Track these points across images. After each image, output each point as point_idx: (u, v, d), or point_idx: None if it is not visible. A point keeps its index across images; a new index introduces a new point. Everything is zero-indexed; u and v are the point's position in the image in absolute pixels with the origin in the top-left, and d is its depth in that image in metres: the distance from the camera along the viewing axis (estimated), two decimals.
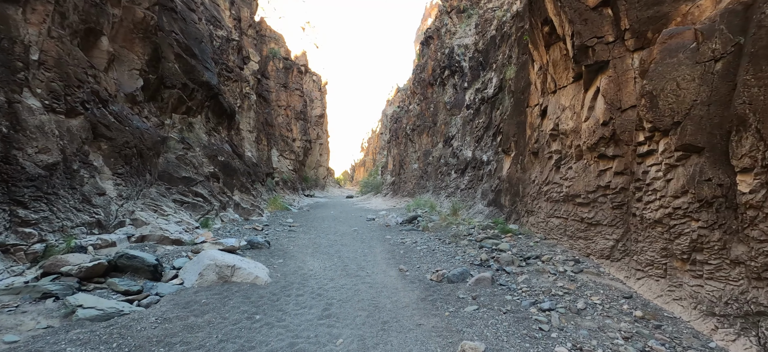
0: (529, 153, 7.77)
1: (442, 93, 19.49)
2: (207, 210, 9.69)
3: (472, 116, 15.11)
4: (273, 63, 26.53)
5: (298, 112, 28.18)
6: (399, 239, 8.73)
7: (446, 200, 14.94)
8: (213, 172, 11.21)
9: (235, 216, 11.27)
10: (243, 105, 19.18)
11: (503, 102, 11.81)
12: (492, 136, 12.51)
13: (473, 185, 12.83)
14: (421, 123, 20.95)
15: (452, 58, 18.83)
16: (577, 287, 4.19)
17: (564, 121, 5.82)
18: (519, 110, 9.04)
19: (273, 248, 7.65)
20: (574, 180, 5.42)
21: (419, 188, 19.99)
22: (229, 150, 13.74)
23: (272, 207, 16.51)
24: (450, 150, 16.69)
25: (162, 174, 9.17)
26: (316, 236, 9.47)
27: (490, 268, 5.40)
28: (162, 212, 7.70)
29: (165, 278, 5.10)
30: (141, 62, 9.06)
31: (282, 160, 25.22)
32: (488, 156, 12.23)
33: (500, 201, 9.79)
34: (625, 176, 4.42)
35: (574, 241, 5.57)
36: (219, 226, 9.70)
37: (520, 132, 8.79)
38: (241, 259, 5.66)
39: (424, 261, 6.37)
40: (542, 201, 6.83)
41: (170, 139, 10.16)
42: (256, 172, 17.67)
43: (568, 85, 5.84)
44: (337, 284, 5.16)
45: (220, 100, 13.20)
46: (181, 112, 11.13)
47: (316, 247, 8.03)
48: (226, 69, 17.30)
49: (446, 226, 9.71)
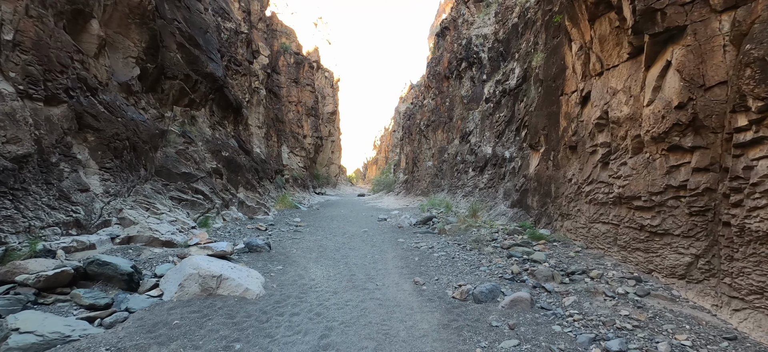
0: (565, 148, 6.76)
1: (459, 86, 18.43)
2: (207, 208, 9.05)
3: (491, 110, 14.05)
4: (284, 58, 25.99)
5: (309, 109, 27.58)
6: (413, 243, 7.86)
7: (463, 199, 13.95)
8: (216, 168, 10.60)
9: (239, 215, 10.64)
10: (252, 100, 18.65)
11: (528, 93, 10.74)
12: (515, 131, 11.45)
13: (494, 183, 11.81)
14: (436, 118, 19.94)
15: (470, 50, 17.74)
16: (649, 317, 3.22)
17: (615, 108, 4.82)
18: (550, 100, 8.00)
19: (273, 252, 6.90)
20: (630, 179, 4.42)
21: (433, 187, 19.02)
22: (235, 145, 13.15)
23: (280, 205, 15.90)
24: (467, 146, 15.66)
25: (159, 169, 8.58)
26: (322, 238, 8.70)
27: (525, 284, 4.46)
28: (155, 210, 7.07)
29: (143, 288, 4.40)
30: (137, 50, 8.47)
31: (292, 157, 24.66)
32: (511, 152, 11.18)
33: (526, 202, 8.77)
34: (710, 174, 3.42)
35: (629, 253, 4.58)
36: (220, 225, 9.06)
37: (552, 124, 7.76)
38: (233, 267, 4.92)
39: (443, 272, 5.48)
40: (583, 203, 5.82)
41: (170, 133, 9.58)
42: (264, 169, 17.10)
43: (621, 63, 4.82)
44: (340, 300, 4.34)
45: (226, 92, 12.61)
46: (183, 105, 10.56)
47: (321, 250, 7.26)
48: (234, 62, 16.77)
49: (465, 229, 8.77)
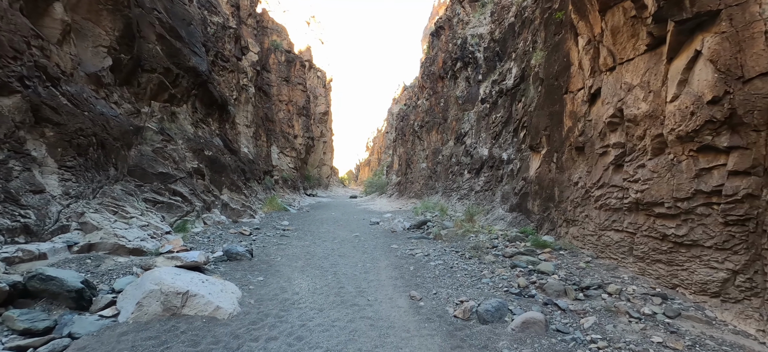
0: (570, 149, 6.33)
1: (454, 87, 18.04)
2: (186, 211, 8.40)
3: (488, 111, 13.65)
4: (275, 56, 25.31)
5: (300, 108, 26.91)
6: (407, 250, 7.35)
7: (458, 202, 13.51)
8: (197, 168, 9.94)
9: (222, 218, 9.98)
10: (240, 98, 17.95)
11: (527, 93, 10.36)
12: (513, 132, 11.06)
13: (491, 186, 11.39)
14: (431, 119, 19.51)
15: (465, 49, 17.37)
16: (686, 345, 2.77)
17: (631, 105, 4.39)
18: (552, 99, 7.60)
19: (255, 260, 6.31)
20: (650, 183, 3.99)
21: (427, 189, 18.57)
22: (220, 144, 12.48)
23: (268, 207, 15.23)
24: (462, 148, 15.24)
25: (133, 169, 7.90)
26: (310, 244, 8.13)
27: (535, 300, 3.98)
28: (124, 213, 6.41)
29: (95, 306, 3.78)
30: (110, 38, 7.80)
31: (282, 157, 23.96)
32: (509, 154, 10.78)
33: (526, 206, 8.35)
34: (752, 178, 2.99)
35: (648, 265, 4.15)
36: (199, 230, 8.41)
37: (554, 124, 7.35)
38: (205, 280, 4.33)
39: (441, 284, 4.97)
40: (591, 209, 5.39)
41: (147, 130, 8.90)
42: (252, 170, 16.42)
43: (637, 57, 4.40)
44: (326, 319, 3.80)
45: (210, 88, 11.94)
46: (162, 100, 9.87)
47: (308, 258, 6.69)
48: (221, 58, 16.07)
49: (463, 234, 8.29)
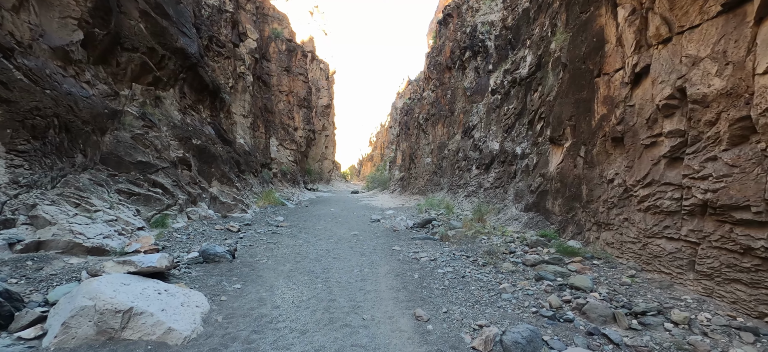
0: (603, 140, 5.43)
1: (462, 77, 17.08)
2: (167, 205, 7.60)
3: (499, 102, 12.72)
4: (275, 44, 24.41)
5: (301, 99, 26.05)
6: (411, 253, 6.51)
7: (466, 200, 12.63)
8: (183, 157, 9.13)
9: (210, 212, 9.19)
10: (236, 86, 17.11)
11: (545, 81, 9.42)
12: (527, 125, 10.13)
13: (502, 183, 10.49)
14: (437, 112, 18.58)
15: (475, 38, 16.39)
16: None
17: (697, 82, 3.49)
18: (578, 85, 6.68)
19: (237, 263, 5.50)
20: (728, 180, 3.11)
21: (432, 185, 17.69)
22: (211, 133, 11.67)
23: (264, 202, 14.45)
24: (470, 142, 14.33)
25: (107, 157, 7.11)
26: (303, 243, 7.32)
27: (575, 328, 3.12)
28: (88, 206, 5.61)
29: (17, 323, 2.99)
30: (80, 10, 6.96)
31: (282, 150, 23.15)
32: (523, 148, 9.87)
33: (545, 206, 7.46)
34: None
35: (719, 285, 3.28)
36: (181, 225, 7.61)
37: (581, 113, 6.44)
38: (162, 290, 3.51)
39: (452, 298, 4.13)
40: (633, 211, 4.50)
41: (126, 114, 8.09)
42: (247, 162, 15.62)
43: (706, 21, 3.50)
44: (309, 347, 2.97)
45: (201, 73, 11.11)
46: (145, 83, 9.05)
47: (298, 260, 5.87)
48: (216, 43, 15.23)
49: (473, 236, 7.43)
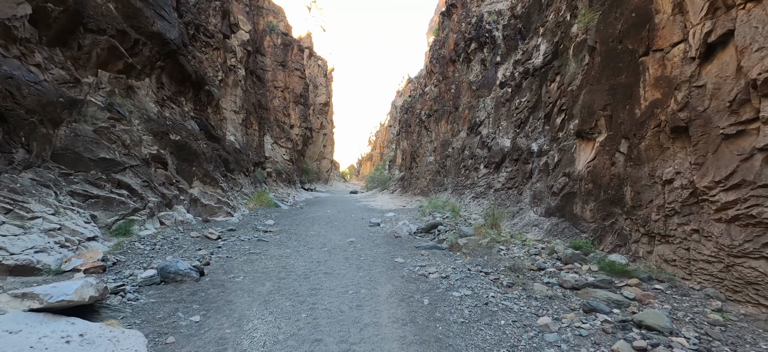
0: (657, 131, 4.41)
1: (467, 71, 16.05)
2: (133, 209, 6.56)
3: (509, 95, 11.70)
4: (270, 38, 23.35)
5: (297, 96, 25.00)
6: (417, 266, 5.48)
7: (473, 202, 11.60)
8: (157, 154, 8.08)
9: (188, 217, 8.14)
10: (227, 79, 16.06)
11: (564, 70, 8.40)
12: (544, 118, 9.11)
13: (516, 183, 9.46)
14: (440, 108, 17.55)
15: (481, 28, 15.36)
16: None
17: None
18: (614, 69, 5.66)
19: (204, 283, 4.47)
20: None
21: (435, 185, 16.66)
22: (194, 129, 10.62)
23: (255, 203, 13.42)
24: (477, 139, 13.30)
25: (61, 153, 6.07)
26: (292, 253, 6.29)
27: None
28: (22, 212, 4.57)
29: None
30: None
31: (276, 148, 22.10)
32: (540, 144, 8.84)
33: (572, 210, 6.43)
34: None
35: None
36: (149, 233, 6.56)
37: (620, 101, 5.42)
38: (77, 335, 2.48)
39: (478, 340, 3.11)
40: (708, 220, 3.49)
41: (89, 105, 7.05)
42: (238, 160, 14.58)
43: None
44: None
45: (182, 62, 10.06)
46: (115, 70, 8.00)
47: (282, 277, 4.84)
48: (204, 32, 14.17)
49: (488, 245, 6.40)
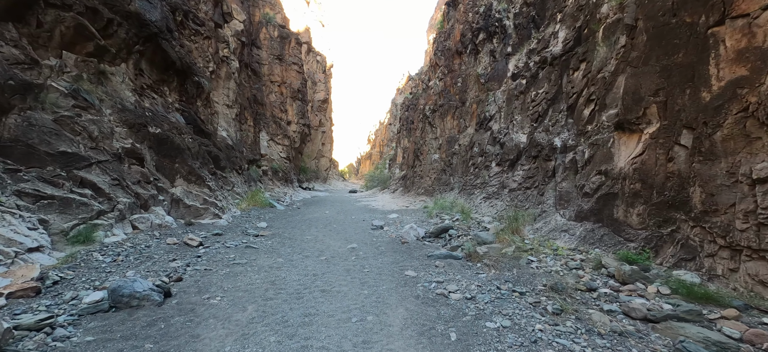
0: (742, 118, 3.50)
1: (475, 63, 15.11)
2: (97, 211, 5.60)
3: (523, 87, 10.77)
4: (266, 30, 22.34)
5: (295, 91, 24.01)
6: (432, 281, 4.55)
7: (485, 203, 10.67)
8: (132, 148, 7.11)
9: (167, 219, 7.18)
10: (219, 71, 15.07)
11: (592, 55, 7.47)
12: (566, 110, 8.19)
13: (536, 183, 8.53)
14: (445, 102, 16.60)
15: (490, 17, 14.42)
16: None
17: None
18: (668, 47, 4.74)
19: (168, 308, 3.52)
20: None
21: (440, 185, 15.73)
22: (179, 122, 9.64)
23: (248, 203, 12.47)
24: (488, 135, 12.37)
25: (9, 145, 5.11)
26: (284, 263, 5.35)
27: None
28: None
29: None
30: None
31: (273, 145, 21.11)
32: (564, 139, 7.92)
33: (612, 214, 5.50)
34: None
35: None
36: (118, 239, 5.61)
37: (679, 84, 4.50)
38: None
39: None
40: None
41: (49, 90, 6.08)
42: (230, 157, 13.61)
43: None
44: None
45: (165, 47, 9.08)
46: (83, 53, 7.03)
47: (269, 298, 3.90)
48: (193, 20, 13.18)
49: (514, 255, 5.47)
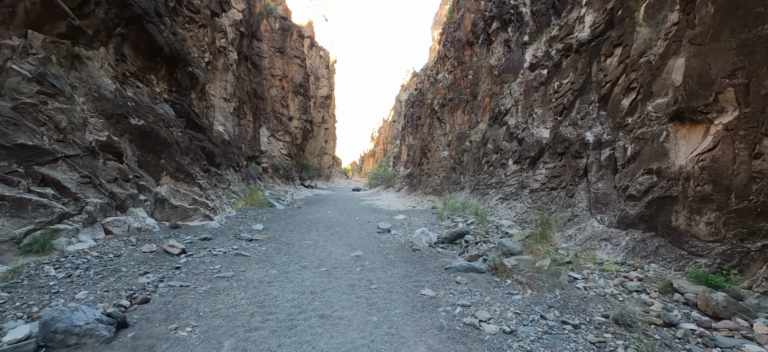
0: None
1: (487, 54, 14.17)
2: (59, 214, 4.78)
3: (544, 78, 9.83)
4: (267, 22, 21.50)
5: (297, 85, 23.16)
6: (458, 308, 3.69)
7: (501, 204, 9.77)
8: (108, 142, 6.30)
9: (150, 222, 6.37)
10: (215, 62, 14.25)
11: (630, 38, 6.53)
12: (598, 102, 7.26)
13: (563, 183, 7.62)
14: (455, 96, 15.67)
15: (504, 5, 13.45)
16: None
17: None
18: (748, 17, 3.86)
19: (121, 344, 2.68)
20: None
21: (449, 184, 14.83)
22: (168, 113, 8.82)
23: (245, 202, 11.66)
24: (503, 130, 11.45)
25: None
26: (278, 275, 4.50)
27: None
28: None
29: None
30: None
31: (273, 142, 20.30)
32: (597, 133, 7.00)
33: (668, 222, 4.60)
34: None
35: None
36: (82, 247, 4.79)
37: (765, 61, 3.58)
38: None
39: None
40: None
41: (9, 73, 5.27)
42: (226, 153, 12.80)
43: None
44: None
45: (152, 31, 8.25)
46: (53, 33, 6.21)
47: (254, 327, 3.06)
48: (187, 5, 12.36)
49: (551, 271, 4.59)
